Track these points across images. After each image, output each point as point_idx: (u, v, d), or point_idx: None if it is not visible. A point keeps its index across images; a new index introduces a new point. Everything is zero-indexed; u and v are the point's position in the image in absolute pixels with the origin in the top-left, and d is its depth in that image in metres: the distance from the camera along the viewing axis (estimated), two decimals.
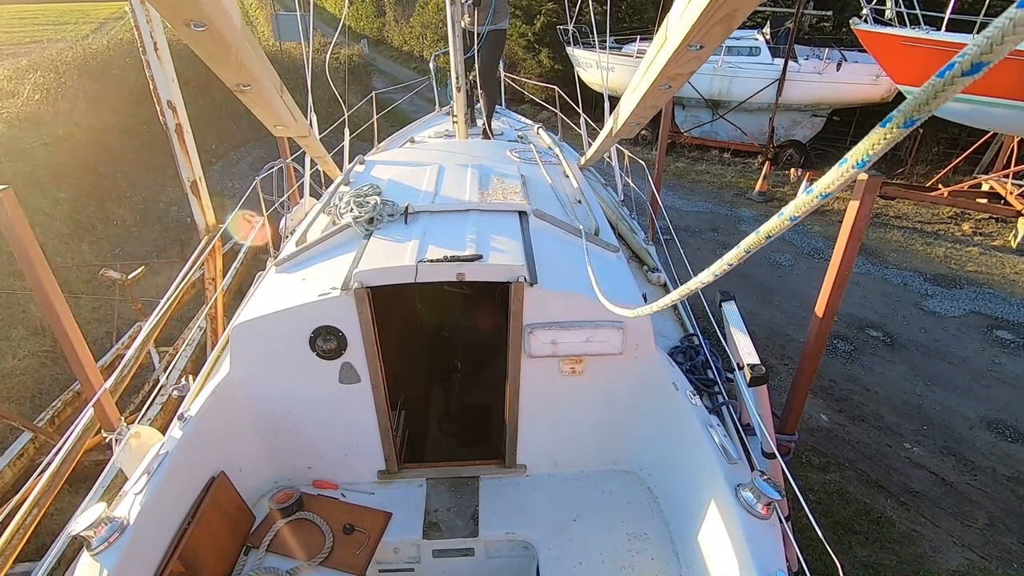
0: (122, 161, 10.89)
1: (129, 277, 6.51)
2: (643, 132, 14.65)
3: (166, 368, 5.96)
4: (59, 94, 11.32)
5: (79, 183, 10.15)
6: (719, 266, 1.05)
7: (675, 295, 1.22)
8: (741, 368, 2.14)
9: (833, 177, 0.78)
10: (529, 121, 6.43)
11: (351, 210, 2.82)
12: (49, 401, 5.81)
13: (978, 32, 9.22)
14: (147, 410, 5.13)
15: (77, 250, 9.14)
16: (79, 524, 1.79)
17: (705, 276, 1.10)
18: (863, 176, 2.09)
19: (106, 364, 5.53)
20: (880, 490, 5.31)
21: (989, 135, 10.70)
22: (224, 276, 7.06)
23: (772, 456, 2.19)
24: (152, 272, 7.60)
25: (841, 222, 2.24)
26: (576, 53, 13.92)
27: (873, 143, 0.72)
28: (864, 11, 9.83)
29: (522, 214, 2.88)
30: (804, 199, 0.84)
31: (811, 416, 6.10)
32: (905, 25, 9.51)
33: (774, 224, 0.91)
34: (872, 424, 6.05)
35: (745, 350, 2.19)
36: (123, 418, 2.51)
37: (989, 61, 0.62)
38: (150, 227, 10.38)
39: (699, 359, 2.88)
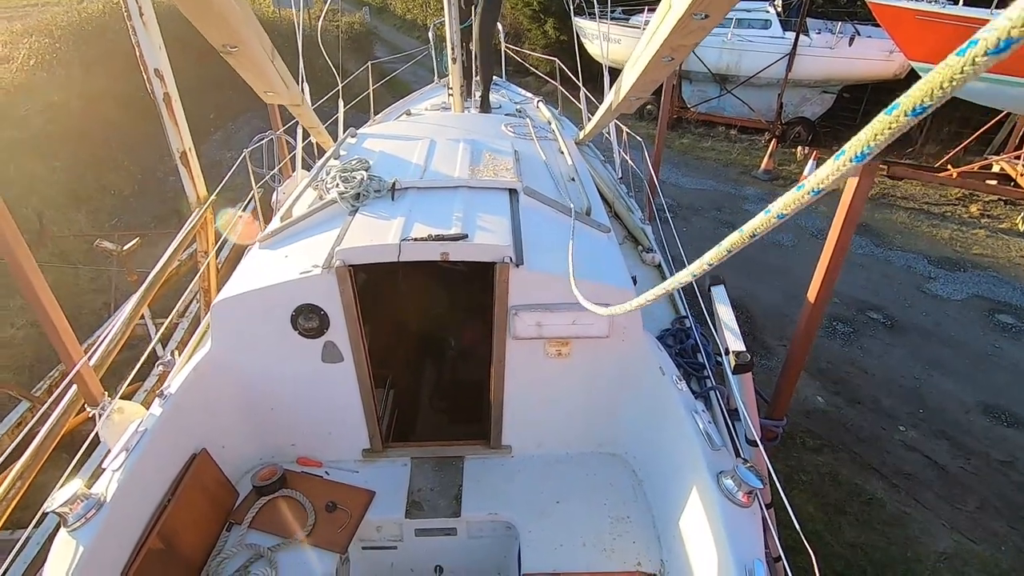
0: (119, 129, 10.77)
1: (124, 248, 6.48)
2: (649, 107, 14.36)
3: (163, 341, 5.97)
4: (54, 60, 11.12)
5: (76, 151, 10.05)
6: (699, 265, 0.97)
7: (649, 295, 1.15)
8: (728, 354, 2.10)
9: (828, 171, 0.67)
10: (529, 94, 6.28)
11: (337, 185, 2.75)
12: (47, 371, 5.85)
13: (998, 6, 8.95)
14: (144, 383, 5.16)
15: (74, 219, 9.09)
16: (55, 501, 1.79)
17: (683, 276, 1.02)
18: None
19: (103, 336, 5.54)
20: (872, 472, 5.33)
21: (1003, 115, 10.44)
22: (220, 248, 7.02)
23: (756, 444, 2.16)
24: (150, 243, 7.56)
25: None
26: (581, 23, 13.56)
27: (875, 133, 0.61)
28: None
29: (512, 192, 2.81)
30: (793, 195, 0.73)
31: (807, 398, 6.10)
32: None
33: (760, 222, 0.81)
34: (868, 407, 6.04)
35: (731, 336, 2.14)
36: (106, 393, 2.50)
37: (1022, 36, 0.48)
38: (148, 197, 10.32)
39: (689, 342, 2.84)
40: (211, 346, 2.40)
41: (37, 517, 1.89)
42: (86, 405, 2.43)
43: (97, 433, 2.45)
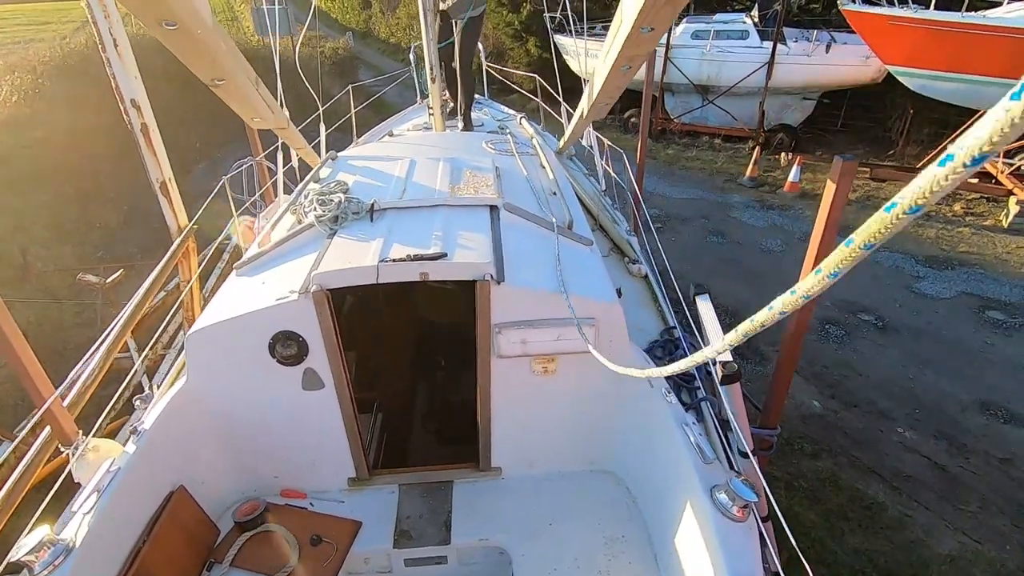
0: (104, 162, 10.73)
1: (108, 281, 6.41)
2: (633, 119, 14.51)
3: (150, 375, 5.87)
4: (37, 95, 11.12)
5: (61, 186, 10.00)
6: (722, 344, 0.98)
7: (674, 368, 1.14)
8: (715, 364, 2.06)
9: (840, 256, 0.71)
10: (512, 112, 6.31)
11: (314, 209, 2.72)
12: (31, 410, 5.72)
13: (967, 10, 9.09)
14: (130, 418, 5.04)
15: (59, 254, 9.00)
16: (21, 549, 1.71)
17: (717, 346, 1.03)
18: (839, 160, 2.02)
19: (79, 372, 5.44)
20: (872, 476, 5.27)
21: (980, 115, 10.56)
22: (207, 277, 6.95)
23: (747, 456, 2.11)
24: (136, 274, 7.49)
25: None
26: (561, 41, 13.74)
27: (878, 227, 0.64)
28: None
29: (493, 208, 2.79)
30: (814, 279, 0.75)
31: (803, 403, 6.05)
32: (893, 4, 9.38)
33: (787, 300, 0.84)
34: (864, 409, 6.00)
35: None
36: (80, 431, 2.42)
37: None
38: (135, 228, 10.23)
39: (678, 353, 2.79)
40: (187, 379, 2.34)
41: (2, 568, 1.81)
42: (60, 445, 2.35)
43: (72, 475, 2.37)
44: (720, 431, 2.34)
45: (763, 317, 0.89)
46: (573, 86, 6.45)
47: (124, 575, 1.91)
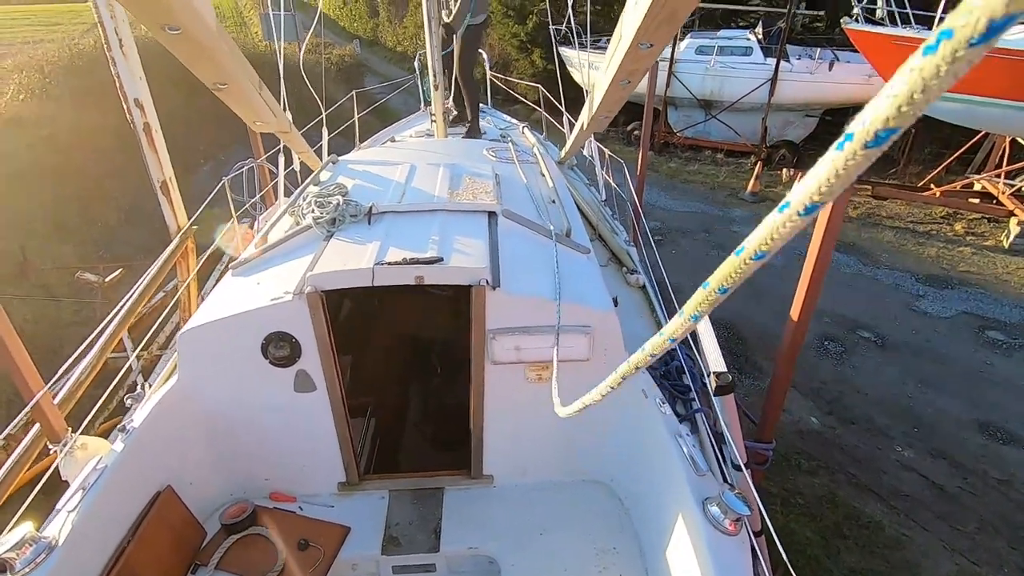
0: (108, 161, 10.76)
1: (107, 280, 6.41)
2: (636, 132, 14.58)
3: (146, 374, 5.84)
4: (44, 94, 11.20)
5: (63, 184, 10.02)
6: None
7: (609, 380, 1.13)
8: (709, 375, 2.05)
9: (699, 299, 0.73)
10: (515, 121, 6.34)
11: (312, 211, 2.72)
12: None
13: None
14: (125, 416, 5.01)
15: (59, 252, 9.00)
16: (1, 546, 1.68)
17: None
18: None
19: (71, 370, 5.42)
20: (870, 494, 5.22)
21: (981, 135, 10.64)
22: (206, 278, 6.95)
23: (740, 469, 2.09)
24: (136, 273, 7.47)
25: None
26: (566, 53, 13.84)
27: (728, 274, 0.64)
28: (855, 10, 9.77)
29: (491, 214, 2.79)
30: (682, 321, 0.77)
31: (801, 419, 6.02)
32: (896, 24, 9.45)
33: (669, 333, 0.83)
34: (862, 426, 5.96)
35: (712, 356, 2.09)
36: (70, 429, 2.40)
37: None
38: (136, 227, 10.24)
39: (673, 364, 2.78)
40: (178, 378, 2.33)
41: None
42: (48, 443, 2.33)
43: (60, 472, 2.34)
44: (714, 443, 2.31)
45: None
46: (577, 97, 6.47)
47: (108, 574, 1.88)
